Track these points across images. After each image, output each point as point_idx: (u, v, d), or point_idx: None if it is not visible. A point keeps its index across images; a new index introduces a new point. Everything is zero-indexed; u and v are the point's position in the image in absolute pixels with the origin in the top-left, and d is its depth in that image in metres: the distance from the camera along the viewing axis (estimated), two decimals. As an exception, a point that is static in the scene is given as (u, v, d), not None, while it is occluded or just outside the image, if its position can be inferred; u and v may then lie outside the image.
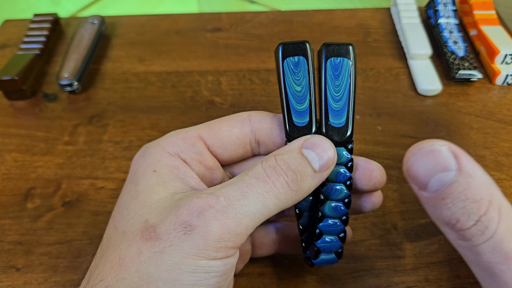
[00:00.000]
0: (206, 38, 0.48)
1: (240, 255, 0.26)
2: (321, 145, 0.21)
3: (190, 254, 0.18)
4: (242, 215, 0.19)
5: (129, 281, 0.18)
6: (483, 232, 0.16)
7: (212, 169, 0.23)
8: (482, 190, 0.16)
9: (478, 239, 0.16)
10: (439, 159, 0.16)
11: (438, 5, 0.46)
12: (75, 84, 0.41)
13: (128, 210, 0.21)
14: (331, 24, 0.49)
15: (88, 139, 0.37)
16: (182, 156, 0.22)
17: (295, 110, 0.22)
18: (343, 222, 0.23)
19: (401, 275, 0.28)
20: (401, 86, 0.41)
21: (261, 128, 0.23)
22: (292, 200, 0.20)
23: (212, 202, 0.19)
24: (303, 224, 0.24)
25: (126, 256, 0.19)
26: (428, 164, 0.16)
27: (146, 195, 0.20)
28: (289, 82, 0.22)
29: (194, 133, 0.23)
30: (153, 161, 0.22)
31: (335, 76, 0.22)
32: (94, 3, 0.76)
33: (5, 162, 0.36)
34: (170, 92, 0.42)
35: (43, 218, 0.32)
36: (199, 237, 0.18)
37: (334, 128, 0.22)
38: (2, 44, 0.48)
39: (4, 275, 0.28)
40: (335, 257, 0.24)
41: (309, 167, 0.20)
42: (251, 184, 0.19)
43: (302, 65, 0.22)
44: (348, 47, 0.22)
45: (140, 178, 0.21)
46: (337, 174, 0.22)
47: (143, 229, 0.19)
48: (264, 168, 0.20)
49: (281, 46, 0.22)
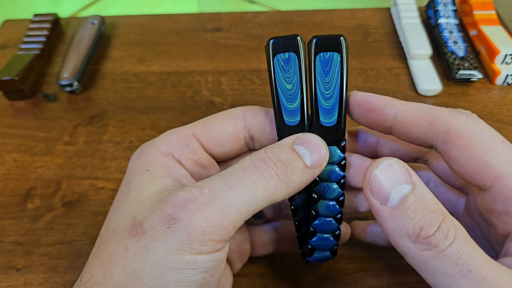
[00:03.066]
0: (206, 38, 0.48)
1: (239, 255, 0.26)
2: (312, 142, 0.21)
3: (174, 249, 0.18)
4: (228, 207, 0.18)
5: (116, 278, 0.18)
6: (446, 236, 0.17)
7: (207, 167, 0.23)
8: (434, 202, 0.18)
9: (443, 244, 0.17)
10: (397, 173, 0.18)
11: (438, 5, 0.46)
12: (75, 84, 0.41)
13: (119, 208, 0.21)
14: (331, 24, 0.49)
15: (88, 139, 0.37)
16: (176, 156, 0.22)
17: (286, 109, 0.21)
18: (337, 221, 0.23)
19: (401, 275, 0.28)
20: (401, 86, 0.41)
21: (254, 124, 0.23)
22: (282, 193, 0.20)
23: (196, 194, 0.19)
24: (299, 220, 0.24)
25: (114, 252, 0.19)
26: (389, 177, 0.18)
27: (136, 192, 0.20)
28: (279, 80, 0.21)
29: (188, 132, 0.23)
30: (147, 161, 0.22)
31: (324, 72, 0.21)
32: (94, 3, 0.76)
33: (5, 163, 0.36)
34: (170, 92, 0.42)
35: (43, 218, 0.32)
36: (182, 230, 0.18)
37: (325, 127, 0.21)
38: (2, 44, 0.48)
39: (4, 276, 0.28)
40: (330, 254, 0.24)
41: (300, 161, 0.20)
42: (238, 176, 0.19)
43: (293, 62, 0.21)
44: (339, 39, 0.20)
45: (133, 178, 0.21)
46: (330, 173, 0.22)
47: (131, 225, 0.19)
48: (253, 160, 0.20)
49: (272, 41, 0.21)
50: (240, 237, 0.25)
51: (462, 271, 0.16)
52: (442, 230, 0.17)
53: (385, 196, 0.18)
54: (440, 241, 0.17)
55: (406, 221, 0.17)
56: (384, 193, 0.18)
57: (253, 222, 0.26)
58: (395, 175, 0.18)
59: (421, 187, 0.18)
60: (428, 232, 0.17)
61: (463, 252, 0.16)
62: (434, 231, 0.17)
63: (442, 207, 0.18)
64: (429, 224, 0.17)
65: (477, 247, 0.17)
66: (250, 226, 0.26)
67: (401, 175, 0.18)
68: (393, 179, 0.18)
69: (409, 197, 0.17)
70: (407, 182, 0.18)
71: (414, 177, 0.18)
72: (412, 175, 0.18)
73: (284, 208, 0.26)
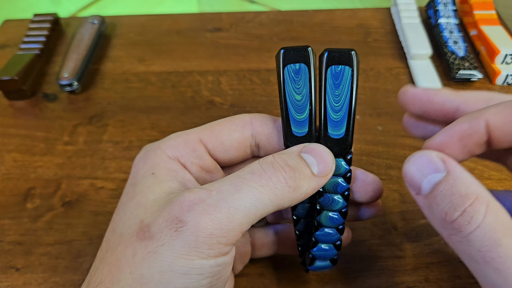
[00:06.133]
0: (206, 38, 0.48)
1: (240, 256, 0.26)
2: (319, 152, 0.21)
3: (182, 253, 0.18)
4: (235, 210, 0.18)
5: (123, 284, 0.18)
6: (470, 222, 0.16)
7: (212, 172, 0.23)
8: (468, 187, 0.17)
9: (466, 229, 0.16)
10: (429, 163, 0.18)
11: (438, 5, 0.46)
12: (75, 84, 0.41)
13: (125, 212, 0.20)
14: (331, 24, 0.49)
15: (88, 139, 0.37)
16: (182, 160, 0.22)
17: (294, 119, 0.21)
18: (339, 232, 0.23)
19: (401, 275, 0.28)
20: (401, 86, 0.41)
21: (262, 132, 0.23)
22: (289, 198, 0.19)
23: (203, 196, 0.18)
24: (300, 230, 0.24)
25: (122, 258, 0.19)
26: (420, 168, 0.18)
27: (143, 195, 0.20)
28: (289, 90, 0.21)
29: (195, 137, 0.23)
30: (153, 164, 0.22)
31: (335, 85, 0.21)
32: (94, 3, 0.76)
33: (5, 162, 0.36)
34: (170, 92, 0.42)
35: (43, 218, 0.32)
36: (190, 233, 0.18)
37: (332, 139, 0.21)
38: (2, 44, 0.48)
39: (3, 275, 0.28)
40: (330, 263, 0.24)
41: (307, 168, 0.20)
42: (245, 179, 0.19)
43: (303, 73, 0.21)
44: (351, 54, 0.20)
45: (139, 181, 0.21)
46: (335, 185, 0.22)
47: (138, 229, 0.19)
48: (261, 164, 0.20)
49: (282, 51, 0.21)
50: (242, 239, 0.25)
51: (485, 258, 0.16)
52: (466, 214, 0.17)
53: (417, 185, 0.18)
54: (463, 226, 0.17)
55: (435, 207, 0.17)
56: (416, 184, 0.18)
57: (254, 224, 0.26)
58: (426, 165, 0.18)
59: (456, 173, 0.18)
60: (452, 217, 0.17)
61: (488, 239, 0.16)
62: (458, 216, 0.17)
63: (479, 190, 0.17)
64: (453, 209, 0.17)
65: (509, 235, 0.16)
66: (251, 228, 0.26)
67: (433, 165, 0.18)
68: (424, 169, 0.18)
69: (439, 185, 0.17)
70: (439, 170, 0.18)
71: (450, 164, 0.18)
72: (448, 163, 0.18)
73: (284, 212, 0.26)
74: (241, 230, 0.19)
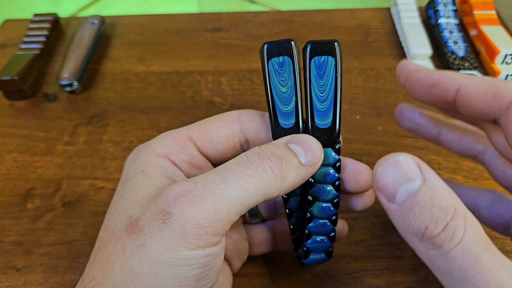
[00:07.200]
0: (206, 38, 0.48)
1: (237, 253, 0.26)
2: (307, 141, 0.21)
3: (170, 245, 0.18)
4: (221, 200, 0.18)
5: (114, 278, 0.18)
6: (452, 237, 0.16)
7: (202, 169, 0.23)
8: (446, 198, 0.17)
9: (448, 245, 0.16)
10: (405, 169, 0.17)
11: (438, 5, 0.46)
12: (75, 84, 0.41)
13: (115, 209, 0.21)
14: (331, 24, 0.49)
15: (88, 139, 0.37)
16: (171, 157, 0.22)
17: (281, 111, 0.22)
18: (332, 223, 0.23)
19: (401, 275, 0.28)
20: (401, 86, 0.41)
21: (250, 127, 0.23)
22: (276, 187, 0.19)
23: (189, 187, 0.19)
24: (293, 223, 0.24)
25: (113, 253, 0.19)
26: (395, 175, 0.17)
27: (132, 192, 0.21)
28: (274, 83, 0.21)
29: (184, 134, 0.23)
30: (142, 162, 0.22)
31: (319, 75, 0.21)
32: (94, 3, 0.76)
33: (5, 162, 0.36)
34: (170, 92, 0.42)
35: (43, 218, 0.32)
36: (177, 224, 0.18)
37: (320, 129, 0.22)
38: (2, 44, 0.48)
39: (4, 276, 0.28)
40: (325, 256, 0.24)
41: (295, 158, 0.20)
42: (231, 170, 0.19)
43: (287, 65, 0.21)
44: (333, 44, 0.21)
45: (129, 179, 0.22)
46: (325, 175, 0.22)
47: (128, 224, 0.19)
48: (247, 155, 0.20)
49: (266, 46, 0.21)
50: (237, 236, 0.26)
51: (465, 274, 0.16)
52: (448, 230, 0.16)
53: (391, 193, 0.17)
54: (445, 242, 0.16)
55: (412, 219, 0.17)
56: (390, 191, 0.17)
57: (249, 221, 0.27)
58: (402, 171, 0.17)
59: (433, 182, 0.17)
60: (433, 232, 0.16)
61: (468, 254, 0.16)
62: (440, 231, 0.16)
63: (456, 201, 0.17)
64: (435, 223, 0.16)
65: (487, 249, 0.16)
66: (247, 225, 0.27)
67: (410, 171, 0.17)
68: (399, 176, 0.17)
69: (417, 194, 0.17)
70: (417, 178, 0.17)
71: (426, 172, 0.17)
72: (424, 170, 0.17)
73: (279, 207, 0.26)
74: (229, 220, 0.19)
